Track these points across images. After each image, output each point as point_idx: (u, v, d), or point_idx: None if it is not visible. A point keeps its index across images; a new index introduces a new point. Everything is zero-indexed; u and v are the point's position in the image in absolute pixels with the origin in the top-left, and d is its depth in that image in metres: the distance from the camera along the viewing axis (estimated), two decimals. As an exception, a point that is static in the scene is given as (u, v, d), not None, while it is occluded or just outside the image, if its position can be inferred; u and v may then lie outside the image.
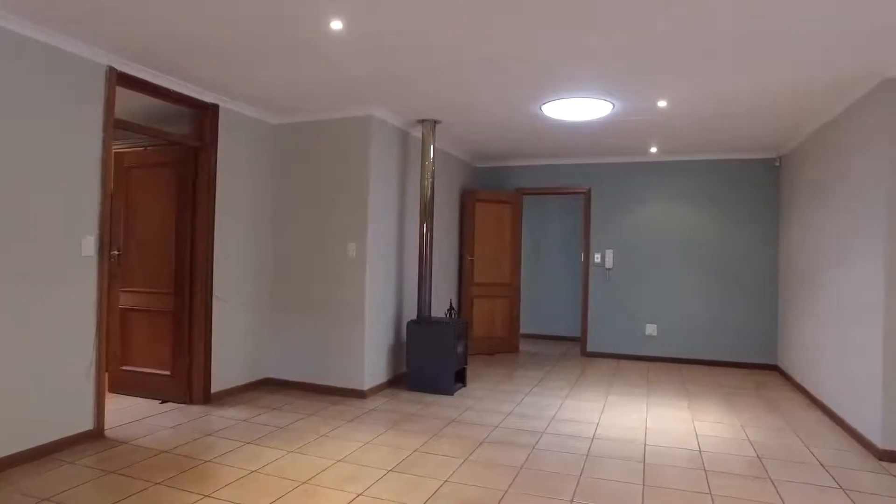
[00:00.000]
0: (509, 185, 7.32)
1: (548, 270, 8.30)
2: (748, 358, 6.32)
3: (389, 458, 3.36)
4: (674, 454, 3.53)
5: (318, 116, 4.96)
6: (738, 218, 6.41)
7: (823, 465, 3.40)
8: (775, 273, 6.26)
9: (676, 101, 4.39)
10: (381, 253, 5.01)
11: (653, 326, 6.64)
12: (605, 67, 3.67)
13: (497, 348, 6.99)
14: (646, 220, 6.72)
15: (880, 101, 3.68)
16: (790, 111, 4.58)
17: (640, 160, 6.72)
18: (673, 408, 4.62)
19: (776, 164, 6.27)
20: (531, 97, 4.38)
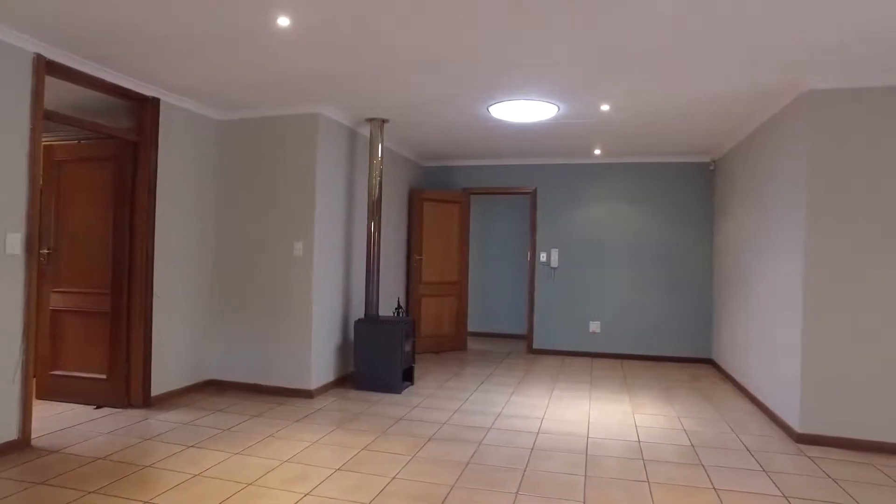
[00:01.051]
0: (457, 185, 7.39)
1: (495, 269, 8.43)
2: (685, 352, 6.62)
3: (337, 457, 3.34)
4: (614, 445, 3.67)
5: (264, 113, 4.87)
6: (676, 218, 6.70)
7: (749, 450, 3.61)
8: (710, 271, 6.58)
9: (618, 106, 4.55)
10: (329, 252, 4.97)
11: (596, 323, 6.85)
12: (550, 72, 3.77)
13: (445, 346, 7.04)
14: (590, 220, 6.93)
15: (799, 111, 3.94)
16: (722, 118, 4.83)
17: (584, 161, 6.92)
18: (614, 401, 4.79)
19: (711, 167, 6.59)
20: (479, 98, 4.45)
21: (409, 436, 3.76)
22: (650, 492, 2.94)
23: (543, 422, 4.15)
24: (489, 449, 3.55)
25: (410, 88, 4.22)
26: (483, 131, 5.59)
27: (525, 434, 3.86)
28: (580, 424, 4.11)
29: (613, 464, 3.34)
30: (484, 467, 3.23)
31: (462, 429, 3.95)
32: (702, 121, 4.96)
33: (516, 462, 3.33)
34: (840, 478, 3.21)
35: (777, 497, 2.92)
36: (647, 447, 3.64)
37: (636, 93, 4.19)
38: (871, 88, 3.73)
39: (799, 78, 3.76)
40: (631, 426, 4.10)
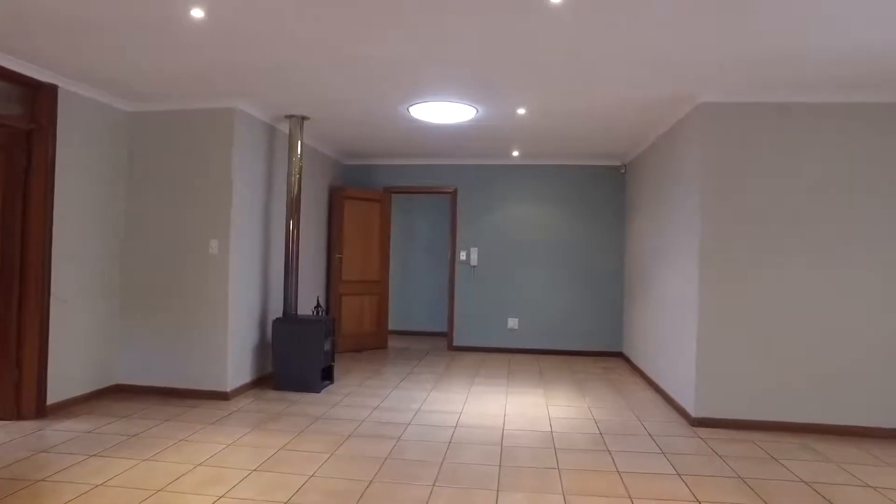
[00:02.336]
0: (378, 184, 7.39)
1: (416, 268, 8.51)
2: (598, 347, 6.97)
3: (253, 458, 3.29)
4: (528, 436, 3.83)
5: (178, 105, 4.67)
6: (590, 219, 7.04)
7: (651, 435, 3.88)
8: (621, 270, 6.97)
9: (533, 110, 4.74)
10: (246, 250, 4.85)
11: (514, 320, 7.08)
12: (466, 76, 3.88)
13: (366, 345, 7.04)
14: (508, 220, 7.15)
15: (694, 121, 4.28)
16: (630, 125, 5.15)
17: (503, 163, 7.13)
18: (530, 395, 4.98)
19: (622, 171, 6.98)
20: (399, 98, 4.49)
21: (328, 434, 3.76)
22: (560, 478, 3.10)
23: (461, 416, 4.26)
24: (408, 444, 3.61)
25: (330, 86, 4.20)
26: (404, 131, 5.64)
27: (443, 428, 3.95)
28: (497, 418, 4.25)
29: (527, 453, 3.49)
30: (402, 462, 3.29)
31: (381, 425, 3.98)
32: (612, 127, 5.26)
33: (434, 455, 3.41)
34: (726, 455, 3.52)
35: (672, 475, 3.17)
36: (558, 436, 3.83)
37: (549, 98, 4.39)
38: (757, 104, 4.11)
39: (693, 91, 4.08)
40: (545, 417, 4.29)
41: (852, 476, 3.25)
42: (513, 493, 2.88)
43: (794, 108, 4.10)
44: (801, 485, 3.10)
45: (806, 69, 3.58)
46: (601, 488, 2.97)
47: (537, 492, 2.91)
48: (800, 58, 3.39)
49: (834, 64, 3.48)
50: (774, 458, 3.50)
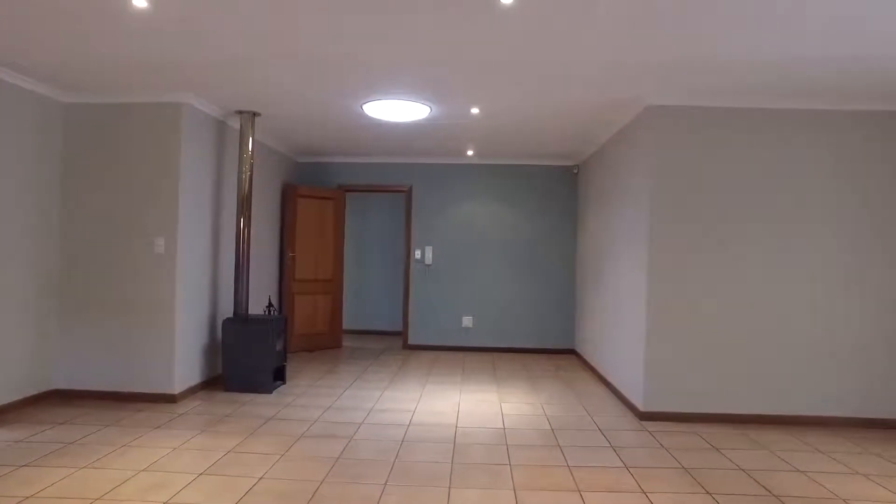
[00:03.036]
0: (332, 182, 7.31)
1: (370, 266, 8.45)
2: (551, 344, 7.09)
3: (201, 461, 3.20)
4: (481, 433, 3.86)
5: (121, 98, 4.49)
6: (543, 218, 7.14)
7: (601, 430, 3.98)
8: (574, 268, 7.11)
9: (487, 110, 4.78)
10: (194, 248, 4.71)
11: (469, 318, 7.12)
12: (422, 73, 3.88)
13: (319, 344, 6.95)
14: (463, 219, 7.18)
15: (644, 123, 4.40)
16: (582, 126, 5.25)
17: (458, 162, 7.16)
18: (484, 392, 5.02)
19: (575, 171, 7.11)
20: (353, 96, 4.45)
21: (279, 435, 3.69)
22: (511, 474, 3.14)
23: (415, 414, 4.26)
24: (360, 443, 3.58)
25: (282, 82, 4.13)
26: (358, 129, 5.59)
27: (396, 427, 3.94)
28: (450, 415, 4.27)
29: (479, 450, 3.52)
30: (354, 461, 3.27)
31: (334, 425, 3.94)
32: (564, 128, 5.35)
33: (386, 454, 3.39)
34: (671, 446, 3.64)
35: (620, 468, 3.25)
36: (511, 433, 3.88)
37: (501, 99, 4.43)
38: (702, 108, 4.26)
39: (641, 94, 4.20)
40: (498, 415, 4.33)
41: (785, 462, 3.41)
42: (464, 490, 2.90)
43: (736, 113, 4.27)
44: (740, 472, 3.24)
45: (746, 77, 3.73)
46: (551, 483, 3.02)
47: (489, 488, 2.94)
48: (740, 65, 3.54)
49: (771, 73, 3.64)
50: (716, 449, 3.64)
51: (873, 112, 4.27)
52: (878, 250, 4.27)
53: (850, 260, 4.27)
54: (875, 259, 4.27)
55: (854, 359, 4.25)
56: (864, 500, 2.92)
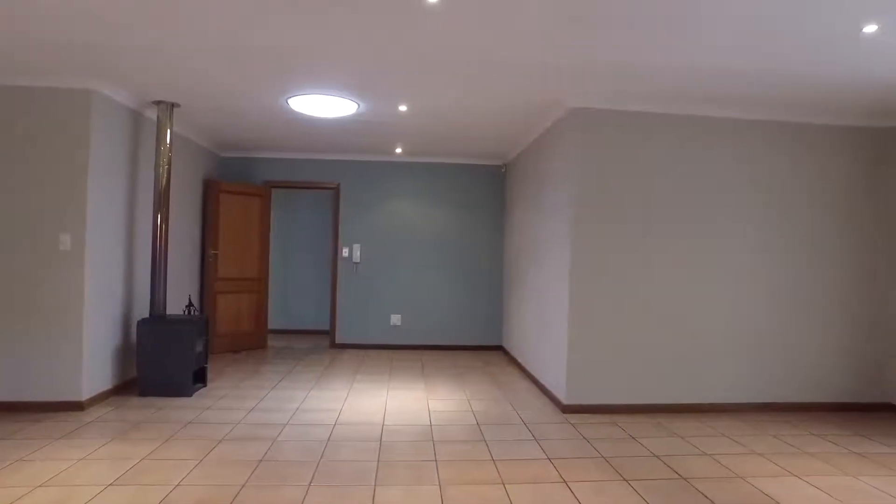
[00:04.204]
0: (258, 178, 7.09)
1: (298, 265, 8.28)
2: (479, 341, 7.19)
3: (109, 471, 3.02)
4: (408, 430, 3.87)
5: (18, 81, 4.15)
6: (471, 216, 7.23)
7: (525, 424, 4.08)
8: (501, 266, 7.24)
9: (415, 108, 4.78)
10: (105, 245, 4.43)
11: (397, 316, 7.11)
12: (345, 70, 3.83)
13: (244, 345, 6.73)
14: (392, 216, 7.16)
15: (568, 125, 4.55)
16: (509, 126, 5.35)
17: (387, 159, 7.13)
18: (411, 390, 5.03)
19: (502, 170, 7.24)
20: (278, 89, 4.34)
21: (197, 439, 3.55)
22: (437, 469, 3.17)
23: (341, 414, 4.21)
24: (284, 444, 3.50)
25: (203, 73, 3.96)
26: (284, 124, 5.46)
27: (322, 427, 3.88)
28: (377, 414, 4.25)
29: (405, 447, 3.52)
30: (277, 463, 3.19)
31: (257, 427, 3.83)
32: (491, 128, 5.44)
33: (311, 455, 3.34)
34: (592, 437, 3.79)
35: (543, 460, 3.35)
36: (437, 429, 3.91)
37: (429, 97, 4.45)
38: (622, 111, 4.45)
39: (565, 96, 4.34)
40: (424, 411, 4.35)
41: (694, 447, 3.64)
42: (390, 488, 2.90)
43: (655, 118, 4.48)
44: (654, 459, 3.41)
45: (665, 83, 3.94)
46: (476, 477, 3.07)
47: (414, 484, 2.95)
48: (660, 72, 3.72)
49: (687, 80, 3.85)
50: (633, 437, 3.82)
51: (778, 122, 4.61)
52: (777, 250, 4.62)
53: (751, 259, 4.59)
54: (774, 258, 4.62)
55: (753, 350, 4.59)
56: (757, 476, 3.17)
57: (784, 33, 3.07)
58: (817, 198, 4.69)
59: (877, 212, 4.75)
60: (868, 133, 4.75)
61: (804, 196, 4.67)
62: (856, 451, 3.66)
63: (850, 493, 3.00)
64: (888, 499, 2.94)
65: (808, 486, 3.08)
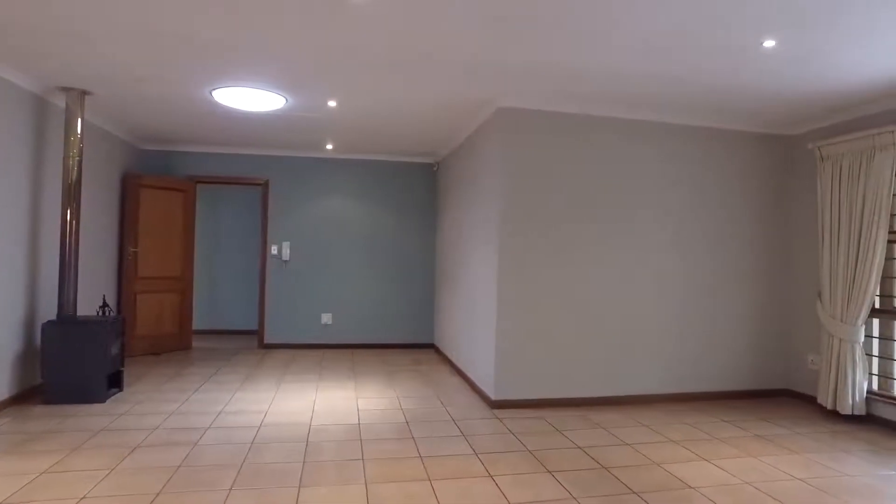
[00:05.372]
0: (182, 172, 6.79)
1: (225, 263, 8.00)
2: (411, 339, 7.19)
3: (3, 489, 2.81)
4: (336, 430, 3.82)
5: None
6: (403, 215, 7.22)
7: (454, 420, 4.12)
8: (433, 264, 7.27)
9: (345, 104, 4.72)
10: (3, 242, 4.12)
11: (328, 315, 7.01)
12: (275, 63, 3.73)
13: (166, 346, 6.44)
14: (322, 214, 7.04)
15: (496, 124, 4.62)
16: (440, 124, 5.38)
17: (317, 155, 7.00)
18: (340, 389, 4.97)
19: (434, 168, 7.27)
20: (201, 81, 4.17)
21: (109, 448, 3.36)
22: (363, 468, 3.15)
23: (267, 415, 4.11)
24: (205, 449, 3.38)
25: (118, 59, 3.75)
26: (209, 116, 5.25)
27: (246, 429, 3.77)
28: (304, 414, 4.17)
29: (333, 447, 3.48)
30: (197, 468, 3.07)
31: (176, 431, 3.67)
32: (422, 126, 5.45)
33: (234, 458, 3.24)
34: (518, 431, 3.87)
35: (470, 455, 3.39)
36: (365, 428, 3.88)
37: (358, 93, 4.41)
38: (548, 112, 4.56)
39: (494, 96, 4.40)
40: (353, 410, 4.31)
41: (616, 437, 3.78)
42: (315, 488, 2.85)
43: (580, 119, 4.62)
44: (578, 450, 3.53)
45: (590, 85, 4.07)
46: (403, 474, 3.07)
47: (340, 484, 2.92)
48: (585, 74, 3.84)
49: (610, 83, 4.00)
50: (558, 430, 3.93)
51: (694, 126, 4.86)
52: (693, 250, 4.88)
53: (669, 258, 4.83)
54: (690, 257, 4.87)
55: (671, 344, 4.82)
56: (672, 462, 3.34)
57: (692, 43, 3.25)
58: (730, 199, 4.98)
59: (782, 214, 5.11)
60: (775, 140, 5.10)
61: (718, 197, 4.95)
62: (759, 434, 3.93)
63: (752, 472, 3.22)
64: (783, 475, 3.18)
65: (716, 468, 3.27)
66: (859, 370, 4.26)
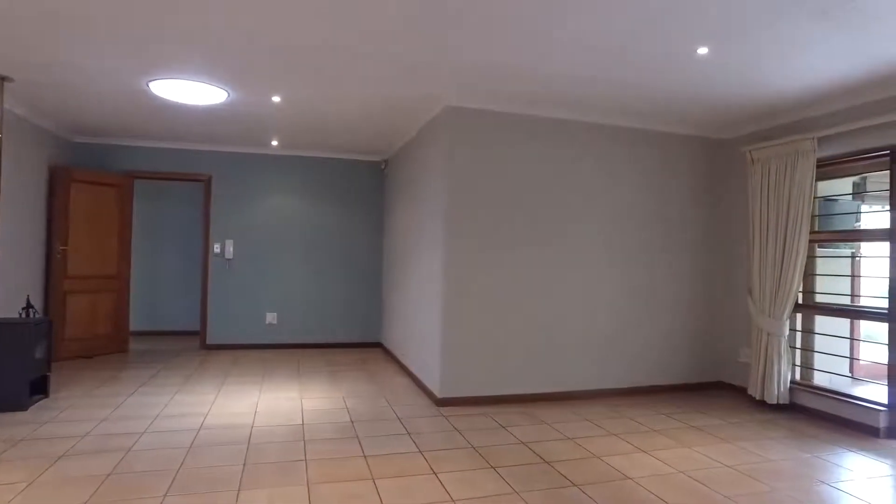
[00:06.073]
0: (118, 166, 6.50)
1: (165, 261, 7.71)
2: (358, 338, 7.13)
3: (-83, 499, 2.63)
4: (279, 431, 3.75)
5: None
6: (351, 213, 7.14)
7: (400, 419, 4.11)
8: (380, 263, 7.22)
9: (289, 99, 4.63)
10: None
11: (273, 315, 6.86)
12: (215, 54, 3.62)
13: (100, 349, 6.15)
14: (267, 211, 6.88)
15: (442, 123, 4.63)
16: (388, 122, 5.35)
17: (262, 152, 6.84)
18: (285, 390, 4.88)
19: (382, 167, 7.22)
20: (136, 71, 4.00)
21: (30, 459, 3.17)
22: (306, 469, 3.10)
23: (208, 418, 3.99)
24: (139, 454, 3.25)
25: (41, 44, 3.55)
26: (148, 109, 5.05)
27: (185, 433, 3.65)
28: (247, 416, 4.07)
29: (275, 448, 3.41)
30: (129, 475, 2.95)
31: (107, 438, 3.51)
32: (370, 123, 5.40)
33: (170, 463, 3.12)
34: (463, 428, 3.90)
35: (414, 453, 3.39)
36: (309, 428, 3.82)
37: (303, 88, 4.33)
38: (495, 112, 4.60)
39: (440, 94, 4.41)
40: (298, 411, 4.24)
41: (559, 433, 3.86)
42: (255, 491, 2.79)
43: (525, 119, 4.68)
44: (521, 446, 3.58)
45: (534, 87, 4.13)
46: (346, 474, 3.04)
47: (281, 486, 2.86)
48: (529, 76, 3.90)
49: (554, 85, 4.07)
50: (502, 426, 3.98)
51: (633, 129, 5.01)
52: (630, 249, 5.03)
53: (607, 257, 4.96)
54: (628, 256, 5.02)
55: (612, 340, 4.97)
56: (612, 454, 3.44)
57: (632, 47, 3.34)
58: (668, 200, 5.17)
59: (717, 215, 5.34)
60: (711, 143, 5.32)
61: (657, 198, 5.12)
62: (693, 426, 4.09)
63: (685, 461, 3.35)
64: (714, 463, 3.32)
65: (653, 459, 3.39)
66: (784, 362, 4.50)
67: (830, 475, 3.22)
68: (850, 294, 4.90)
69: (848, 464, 3.41)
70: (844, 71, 3.62)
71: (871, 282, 4.69)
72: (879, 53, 3.33)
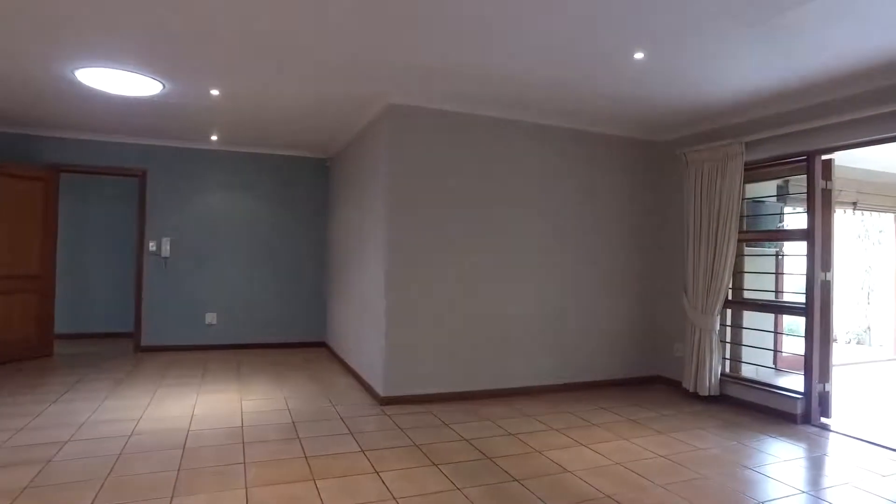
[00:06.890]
0: (42, 159, 6.13)
1: (95, 260, 7.32)
2: (301, 338, 6.99)
3: None
4: (216, 434, 3.63)
5: None
6: (294, 211, 7.00)
7: (342, 418, 4.06)
8: (324, 261, 7.11)
9: (228, 93, 4.49)
10: None
11: (212, 315, 6.64)
12: (148, 42, 3.47)
13: (17, 354, 5.78)
14: (206, 208, 6.66)
15: (385, 121, 4.60)
16: (330, 119, 5.27)
17: (201, 147, 6.61)
18: (224, 391, 4.74)
19: (327, 164, 7.11)
20: (60, 58, 3.78)
21: (-57, 469, 2.96)
22: (245, 472, 3.02)
23: (140, 423, 3.82)
24: (62, 465, 3.07)
25: (-48, 28, 3.31)
26: (76, 99, 4.78)
27: (114, 440, 3.48)
28: (183, 419, 3.93)
29: (212, 452, 3.30)
30: (49, 487, 2.79)
31: (24, 449, 3.30)
32: (312, 119, 5.31)
33: (97, 472, 2.97)
34: (407, 427, 3.89)
35: (357, 453, 3.36)
36: (249, 430, 3.73)
37: (243, 82, 4.21)
38: (439, 110, 4.61)
39: (383, 92, 4.38)
40: (237, 413, 4.12)
41: (501, 429, 3.91)
42: (190, 497, 2.70)
43: (467, 118, 4.71)
44: (464, 443, 3.60)
45: (475, 86, 4.16)
46: (286, 475, 2.98)
47: (218, 490, 2.78)
48: (471, 75, 3.92)
49: (495, 85, 4.11)
50: (446, 424, 3.99)
51: (574, 129, 5.13)
52: (570, 248, 5.15)
53: (548, 257, 5.06)
54: (568, 256, 5.14)
55: (553, 337, 5.07)
56: (552, 449, 3.52)
57: (572, 49, 3.42)
58: (608, 200, 5.32)
59: (655, 214, 5.54)
60: (650, 145, 5.51)
61: (597, 198, 5.27)
62: (631, 419, 4.23)
63: (622, 453, 3.46)
64: (649, 454, 3.45)
65: (592, 452, 3.48)
66: (715, 355, 4.72)
67: (754, 460, 3.41)
68: (775, 290, 5.20)
69: (770, 449, 3.62)
70: (771, 80, 3.82)
71: (792, 279, 4.99)
72: (799, 66, 3.54)
